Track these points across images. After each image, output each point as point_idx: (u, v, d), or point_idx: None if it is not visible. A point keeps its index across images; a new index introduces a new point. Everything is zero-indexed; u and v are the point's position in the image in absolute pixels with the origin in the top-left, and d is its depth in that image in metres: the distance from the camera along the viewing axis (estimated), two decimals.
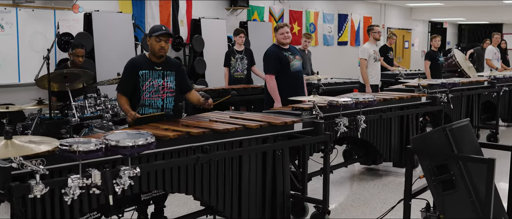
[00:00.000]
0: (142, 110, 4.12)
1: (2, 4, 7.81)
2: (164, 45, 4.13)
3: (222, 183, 3.72)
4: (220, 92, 6.85)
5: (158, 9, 10.08)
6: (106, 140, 2.89)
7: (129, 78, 4.16)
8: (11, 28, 7.89)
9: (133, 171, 2.97)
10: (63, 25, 8.54)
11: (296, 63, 5.80)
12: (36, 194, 2.67)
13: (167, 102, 4.22)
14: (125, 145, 2.88)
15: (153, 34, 4.14)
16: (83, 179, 2.78)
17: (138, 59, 4.34)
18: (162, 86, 4.18)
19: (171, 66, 4.29)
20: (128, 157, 2.97)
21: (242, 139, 3.75)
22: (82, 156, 2.75)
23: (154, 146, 3.02)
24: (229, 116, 4.22)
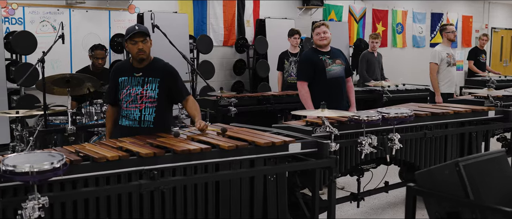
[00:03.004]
0: (121, 120, 3.69)
1: (55, 5, 7.74)
2: (142, 46, 3.61)
3: (193, 211, 3.06)
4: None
5: (221, 9, 9.61)
6: (3, 164, 2.36)
7: (112, 86, 3.76)
8: (65, 29, 7.76)
9: (37, 202, 2.41)
10: (117, 25, 8.34)
11: (335, 69, 4.98)
12: None
13: (145, 114, 3.66)
14: (22, 171, 2.34)
15: (126, 38, 3.62)
16: None
17: (121, 64, 3.88)
18: (140, 95, 3.65)
19: (156, 72, 3.70)
20: (33, 184, 2.42)
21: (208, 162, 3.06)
22: None
23: (63, 171, 2.45)
24: (216, 132, 3.54)
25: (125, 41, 3.69)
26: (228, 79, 9.95)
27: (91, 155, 2.78)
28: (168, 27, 7.96)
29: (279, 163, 3.38)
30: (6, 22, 7.40)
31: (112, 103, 3.84)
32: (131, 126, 3.67)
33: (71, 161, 2.67)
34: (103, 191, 2.75)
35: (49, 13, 7.73)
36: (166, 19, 8.26)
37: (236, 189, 3.22)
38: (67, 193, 2.66)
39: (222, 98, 5.87)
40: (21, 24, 7.53)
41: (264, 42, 9.52)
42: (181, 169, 3.01)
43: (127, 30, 3.69)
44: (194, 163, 3.02)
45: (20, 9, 7.52)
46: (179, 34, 8.38)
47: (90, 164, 2.75)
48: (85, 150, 2.91)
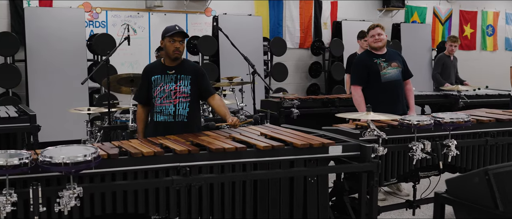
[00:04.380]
0: (155, 117, 3.83)
1: (135, 9, 8.14)
2: (179, 46, 3.80)
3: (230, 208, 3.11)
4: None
5: (298, 11, 9.63)
6: (41, 156, 2.55)
7: (143, 85, 3.93)
8: (143, 32, 8.18)
9: (73, 191, 2.58)
10: (194, 28, 8.61)
11: (390, 72, 4.83)
12: None
13: (179, 108, 3.83)
14: (57, 162, 2.51)
15: (166, 35, 3.80)
16: (8, 195, 2.47)
17: (153, 65, 4.05)
18: (174, 91, 3.82)
19: (187, 69, 3.90)
20: (69, 174, 2.59)
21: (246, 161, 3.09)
22: (7, 170, 2.45)
23: (95, 164, 2.59)
24: (260, 132, 3.57)
25: (162, 38, 3.88)
26: (304, 82, 9.94)
27: (129, 150, 2.91)
28: (241, 30, 8.15)
29: (321, 165, 3.35)
30: (91, 25, 7.89)
31: (144, 102, 3.99)
32: (166, 120, 3.82)
33: (108, 155, 2.82)
34: (137, 184, 2.86)
35: (130, 17, 8.15)
36: (240, 21, 8.42)
37: (275, 189, 3.22)
38: (105, 184, 2.80)
39: (285, 100, 5.88)
40: (104, 27, 7.99)
41: (340, 45, 9.41)
42: (218, 167, 3.07)
43: (167, 29, 3.87)
44: (229, 161, 3.06)
45: (103, 13, 7.99)
46: (252, 36, 8.51)
47: (127, 158, 2.88)
48: (126, 146, 3.06)
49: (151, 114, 3.95)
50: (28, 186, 2.59)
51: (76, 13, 7.45)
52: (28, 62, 7.12)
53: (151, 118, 3.95)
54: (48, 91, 7.15)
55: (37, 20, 7.18)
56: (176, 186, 2.90)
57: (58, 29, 7.25)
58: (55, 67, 7.21)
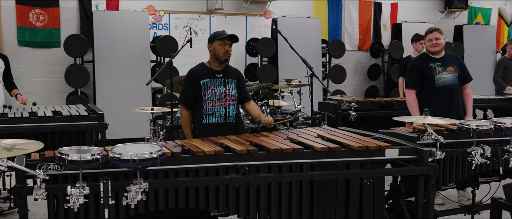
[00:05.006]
0: (205, 119, 4.00)
1: (197, 12, 8.38)
2: (228, 49, 3.98)
3: (286, 207, 3.21)
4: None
5: (357, 13, 9.60)
6: (111, 152, 2.73)
7: (190, 88, 4.04)
8: (204, 34, 8.40)
9: (139, 186, 2.74)
10: (253, 30, 8.76)
11: (445, 77, 4.77)
12: (37, 197, 2.66)
13: (229, 110, 4.02)
14: (125, 158, 2.68)
15: (217, 38, 3.97)
16: (81, 188, 2.67)
17: (198, 69, 4.13)
18: (224, 94, 4.00)
19: (232, 73, 4.10)
20: (136, 170, 2.76)
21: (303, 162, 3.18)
22: (82, 165, 2.65)
23: (160, 161, 2.75)
24: (317, 134, 3.64)
25: (211, 41, 4.03)
26: (362, 84, 9.89)
27: (192, 149, 3.06)
28: (300, 32, 8.23)
29: (377, 168, 3.38)
30: (154, 27, 8.18)
31: (189, 105, 4.09)
32: (218, 122, 3.99)
33: (172, 153, 2.97)
34: (199, 181, 3.00)
35: (192, 19, 8.40)
36: (299, 24, 8.50)
37: (331, 190, 3.29)
38: (168, 180, 2.96)
39: (342, 103, 5.91)
40: (167, 29, 8.27)
41: (399, 47, 9.31)
42: (276, 167, 3.17)
43: (217, 33, 4.05)
44: (287, 162, 3.15)
45: (166, 15, 8.26)
46: (311, 38, 8.57)
47: (190, 157, 3.03)
48: (189, 145, 3.21)
49: (199, 116, 4.05)
50: (98, 180, 2.78)
51: (140, 16, 7.76)
52: (96, 63, 7.48)
53: (200, 119, 4.04)
54: (114, 91, 7.48)
55: (104, 23, 7.52)
56: (236, 184, 3.02)
57: (124, 32, 7.57)
58: (121, 68, 7.54)
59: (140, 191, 2.77)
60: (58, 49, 7.73)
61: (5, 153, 2.48)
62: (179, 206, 3.03)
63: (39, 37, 7.70)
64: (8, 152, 2.48)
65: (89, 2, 7.88)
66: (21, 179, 2.73)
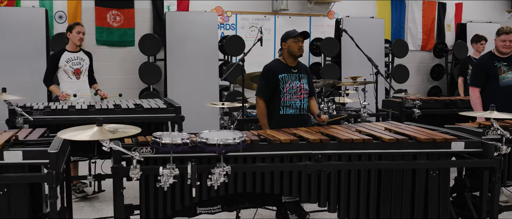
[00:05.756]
0: (283, 110, 4.33)
1: (263, 12, 8.67)
2: (302, 45, 4.30)
3: (355, 195, 3.42)
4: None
5: (420, 13, 9.63)
6: (198, 137, 3.03)
7: (269, 82, 4.33)
8: (269, 33, 8.69)
9: (223, 169, 3.03)
10: (317, 30, 8.97)
11: (509, 77, 4.83)
12: (132, 177, 2.99)
13: (303, 103, 4.37)
14: (211, 143, 2.97)
15: (290, 36, 4.29)
16: (171, 169, 2.98)
17: (275, 64, 4.44)
18: (299, 88, 4.33)
19: (303, 69, 4.45)
20: (220, 155, 3.04)
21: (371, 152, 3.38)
22: (172, 148, 2.96)
23: (242, 147, 3.02)
24: (384, 127, 3.83)
25: (284, 40, 4.36)
26: (425, 84, 9.90)
27: (269, 138, 3.33)
28: (363, 32, 8.36)
29: (443, 160, 3.52)
30: (222, 27, 8.54)
31: (268, 98, 4.38)
32: (294, 113, 4.33)
33: (251, 141, 3.25)
34: (274, 167, 3.26)
35: (257, 20, 8.70)
36: (362, 24, 8.64)
37: (398, 180, 3.46)
38: (247, 165, 3.23)
39: (406, 100, 6.03)
40: (234, 29, 8.61)
41: (464, 47, 9.26)
42: (346, 156, 3.39)
43: (289, 32, 4.38)
44: (356, 151, 3.36)
45: (234, 16, 8.61)
46: (374, 38, 8.69)
47: (267, 144, 3.29)
48: (265, 134, 3.48)
49: (276, 108, 4.34)
50: (183, 163, 3.08)
51: (209, 16, 8.13)
52: (167, 61, 7.91)
53: (277, 111, 4.34)
54: (184, 87, 7.87)
55: (176, 23, 7.94)
56: (308, 171, 3.26)
57: (194, 31, 7.96)
58: (190, 66, 7.93)
59: (223, 173, 3.05)
60: (133, 48, 8.22)
61: (110, 134, 2.82)
62: (256, 190, 3.30)
63: (115, 36, 8.22)
64: (112, 134, 2.82)
65: (161, 4, 8.33)
66: (117, 160, 3.07)
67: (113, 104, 5.08)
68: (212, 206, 3.68)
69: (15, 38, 7.24)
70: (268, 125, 4.34)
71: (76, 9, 8.03)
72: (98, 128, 2.89)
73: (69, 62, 5.64)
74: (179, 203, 3.21)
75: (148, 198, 3.19)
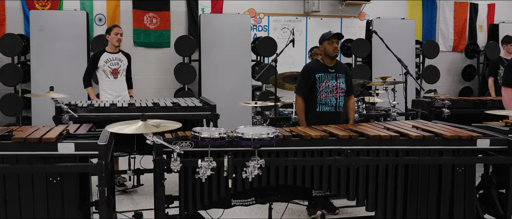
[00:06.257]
0: (319, 107, 4.58)
1: (294, 14, 8.86)
2: (336, 46, 4.53)
3: (383, 189, 3.58)
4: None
5: (452, 14, 9.67)
6: (235, 132, 3.25)
7: (307, 81, 4.60)
8: (301, 35, 8.88)
9: (257, 162, 3.24)
10: (348, 31, 9.10)
11: None
12: (173, 169, 3.22)
13: (339, 101, 4.60)
14: (247, 137, 3.18)
15: (325, 38, 4.54)
16: (209, 162, 3.20)
17: (313, 64, 4.72)
18: (335, 87, 4.55)
19: (342, 69, 4.65)
20: (254, 149, 3.25)
21: (398, 148, 3.53)
22: (210, 142, 3.19)
23: (275, 141, 3.22)
24: (412, 125, 3.97)
25: (321, 42, 4.62)
26: (456, 85, 9.92)
27: (300, 133, 3.52)
28: (394, 33, 8.47)
29: (469, 157, 3.65)
30: (254, 29, 8.76)
31: (305, 95, 4.66)
32: (329, 111, 4.59)
33: (284, 136, 3.44)
34: (305, 161, 3.44)
35: (289, 21, 8.90)
36: (393, 25, 8.74)
37: (424, 175, 3.61)
38: (280, 159, 3.43)
39: (436, 100, 6.13)
40: (266, 31, 8.82)
41: (496, 48, 9.26)
42: (374, 151, 3.55)
43: (324, 34, 4.62)
44: (384, 147, 3.52)
45: (266, 18, 8.82)
46: (405, 39, 8.78)
47: (298, 140, 3.48)
48: (297, 130, 3.67)
49: (313, 105, 4.63)
50: (221, 156, 3.29)
51: (242, 18, 8.35)
52: (202, 62, 8.17)
53: (314, 108, 4.62)
54: (217, 87, 8.12)
55: (210, 25, 8.19)
56: (338, 165, 3.44)
57: (227, 33, 8.19)
58: (224, 66, 8.17)
59: (257, 166, 3.26)
60: (168, 49, 8.51)
61: (154, 129, 3.06)
62: (288, 183, 3.49)
63: (152, 38, 8.53)
64: (155, 128, 3.06)
65: (196, 6, 8.60)
66: (159, 153, 3.30)
67: (152, 103, 5.33)
68: (246, 199, 3.89)
69: (59, 40, 7.61)
70: (306, 120, 4.58)
71: (115, 12, 8.37)
72: (142, 123, 3.13)
73: (107, 62, 5.93)
74: (215, 194, 3.43)
75: (187, 189, 3.42)
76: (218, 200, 3.54)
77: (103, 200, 3.04)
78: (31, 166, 3.04)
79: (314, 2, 8.72)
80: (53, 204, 3.12)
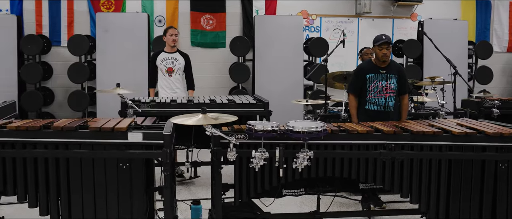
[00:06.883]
0: (368, 105, 4.82)
1: (346, 15, 9.05)
2: (386, 52, 4.73)
3: (426, 183, 3.77)
4: None
5: (507, 14, 9.61)
6: (286, 126, 3.53)
7: (358, 80, 4.87)
8: (352, 36, 9.06)
9: (306, 154, 3.50)
10: (400, 32, 9.20)
11: None
12: (229, 158, 3.54)
13: (388, 101, 4.79)
14: (297, 130, 3.46)
15: (375, 44, 4.77)
16: (262, 152, 3.49)
17: (365, 65, 4.96)
18: (385, 87, 4.76)
19: (394, 69, 4.82)
20: (304, 141, 3.52)
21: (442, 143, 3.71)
22: (264, 134, 3.48)
23: (323, 135, 3.48)
24: (456, 122, 4.13)
25: (373, 45, 4.87)
26: (510, 86, 9.82)
27: (347, 128, 3.76)
28: (446, 34, 8.53)
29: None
30: (307, 30, 9.01)
31: (356, 94, 4.93)
32: (377, 110, 4.83)
33: (332, 131, 3.69)
34: (352, 154, 3.68)
35: (341, 22, 9.09)
36: (445, 26, 8.77)
37: (467, 171, 3.76)
38: (328, 151, 3.68)
39: (485, 100, 6.19)
40: (318, 31, 9.05)
41: None
42: (418, 146, 3.74)
43: (376, 38, 4.83)
44: (427, 143, 3.71)
45: (318, 19, 9.05)
46: (457, 40, 8.79)
47: (345, 134, 3.72)
48: (344, 126, 3.91)
49: (363, 103, 4.89)
50: (273, 148, 3.58)
51: (295, 19, 8.61)
52: (256, 62, 8.48)
53: (363, 105, 4.89)
54: (270, 86, 8.41)
55: (264, 26, 8.49)
56: (383, 158, 3.66)
57: (280, 34, 8.48)
58: (277, 66, 8.46)
59: (306, 158, 3.53)
60: (224, 49, 8.89)
61: (213, 121, 3.39)
62: (335, 174, 3.74)
63: (208, 38, 8.93)
64: (214, 120, 3.38)
65: (250, 8, 8.93)
66: (217, 144, 3.62)
67: (208, 99, 5.68)
68: (296, 189, 4.17)
69: (122, 40, 8.11)
70: (358, 117, 4.86)
71: (174, 14, 8.82)
72: (203, 115, 3.46)
73: (163, 61, 6.35)
74: (267, 183, 3.72)
75: (241, 178, 3.72)
76: (270, 189, 3.83)
77: (168, 185, 3.39)
78: (104, 152, 3.42)
79: (366, 3, 8.88)
80: (122, 188, 3.48)
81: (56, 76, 8.65)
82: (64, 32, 8.59)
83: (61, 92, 8.71)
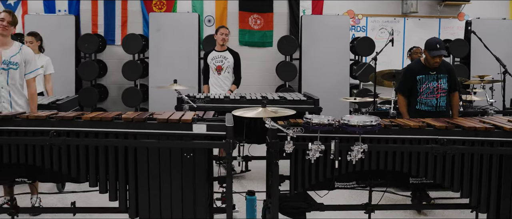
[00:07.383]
0: (419, 106, 4.94)
1: (392, 15, 9.12)
2: (438, 60, 4.79)
3: (477, 178, 3.87)
4: None
5: None
6: (342, 120, 3.70)
7: (408, 81, 4.96)
8: (399, 35, 9.13)
9: (360, 147, 3.66)
10: (446, 32, 9.21)
11: None
12: (287, 150, 3.72)
13: (440, 101, 4.87)
14: (352, 124, 3.62)
15: (429, 52, 4.81)
16: (318, 145, 3.67)
17: (414, 65, 5.02)
18: (436, 88, 4.85)
19: (444, 69, 4.89)
20: (359, 135, 3.68)
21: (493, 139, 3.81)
22: (320, 127, 3.66)
23: (377, 129, 3.63)
24: (507, 119, 4.21)
25: (425, 49, 4.90)
26: None
27: (400, 123, 3.89)
28: (494, 33, 8.50)
29: None
30: (353, 29, 9.12)
31: (405, 94, 5.03)
32: (429, 110, 4.91)
33: (385, 125, 3.84)
34: (404, 148, 3.81)
35: (387, 22, 9.16)
36: (493, 25, 8.74)
37: None
38: (380, 145, 3.82)
39: None
40: (364, 31, 9.15)
41: None
42: (469, 142, 3.85)
43: (430, 45, 4.84)
44: (479, 138, 3.80)
45: (364, 19, 9.15)
46: (506, 39, 8.75)
47: (398, 129, 3.85)
48: (397, 121, 4.04)
49: (414, 103, 4.98)
50: (328, 141, 3.75)
51: (342, 19, 8.74)
52: (302, 60, 8.66)
53: (414, 105, 4.97)
54: (316, 84, 8.57)
55: (310, 26, 8.66)
56: (434, 152, 3.78)
57: (327, 33, 8.62)
58: (323, 64, 8.61)
59: (360, 151, 3.68)
60: (271, 48, 9.10)
61: (272, 114, 3.59)
62: (387, 168, 3.88)
63: (256, 38, 9.16)
64: (274, 113, 3.58)
65: (297, 8, 9.11)
66: (274, 137, 3.81)
67: (260, 96, 5.89)
68: (348, 182, 4.32)
69: (173, 39, 8.42)
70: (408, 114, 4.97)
71: (223, 14, 9.08)
72: (262, 109, 3.66)
73: (213, 60, 6.60)
74: (322, 175, 3.89)
75: (297, 170, 3.90)
76: (323, 182, 3.99)
77: (229, 173, 3.61)
78: (170, 142, 3.66)
79: (412, 3, 8.92)
80: (186, 177, 3.72)
81: (111, 74, 9.04)
82: (118, 31, 8.97)
83: (115, 89, 9.10)
